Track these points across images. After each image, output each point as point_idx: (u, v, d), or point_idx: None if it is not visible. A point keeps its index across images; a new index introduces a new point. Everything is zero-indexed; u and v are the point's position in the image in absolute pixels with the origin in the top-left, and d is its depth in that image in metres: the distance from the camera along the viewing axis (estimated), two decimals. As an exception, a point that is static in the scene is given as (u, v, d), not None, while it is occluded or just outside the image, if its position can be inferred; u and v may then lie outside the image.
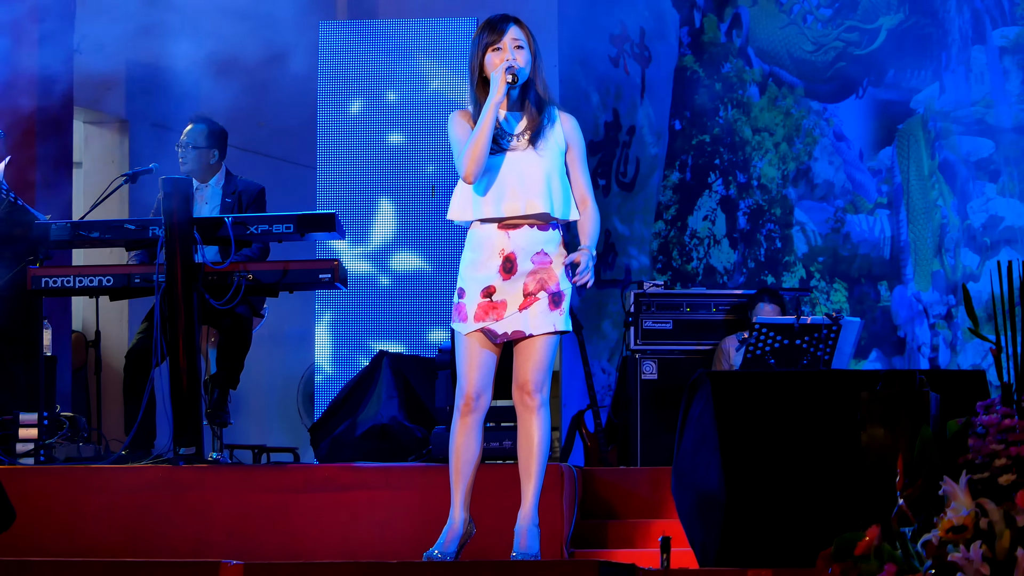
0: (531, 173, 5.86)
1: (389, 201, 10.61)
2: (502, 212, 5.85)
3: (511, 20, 5.96)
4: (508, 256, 5.85)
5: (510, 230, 5.87)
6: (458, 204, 5.96)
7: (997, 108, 11.64)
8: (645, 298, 9.95)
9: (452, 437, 5.93)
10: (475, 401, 5.89)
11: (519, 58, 5.89)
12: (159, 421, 8.13)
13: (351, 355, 10.43)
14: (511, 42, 5.90)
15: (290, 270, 8.05)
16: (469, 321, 5.86)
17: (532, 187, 5.85)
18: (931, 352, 11.62)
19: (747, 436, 5.73)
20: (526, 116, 5.95)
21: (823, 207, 11.99)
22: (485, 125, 5.81)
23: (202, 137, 8.66)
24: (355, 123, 10.64)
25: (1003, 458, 4.31)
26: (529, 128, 5.93)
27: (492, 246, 5.87)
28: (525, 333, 5.84)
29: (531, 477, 5.92)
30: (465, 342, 5.89)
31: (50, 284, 8.01)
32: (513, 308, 5.84)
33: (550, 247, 5.89)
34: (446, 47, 10.63)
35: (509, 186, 5.85)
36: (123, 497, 7.20)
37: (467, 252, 5.94)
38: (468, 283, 5.89)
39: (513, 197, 5.84)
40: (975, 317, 4.80)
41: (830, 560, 4.36)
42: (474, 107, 5.94)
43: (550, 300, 5.86)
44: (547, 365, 5.90)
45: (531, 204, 5.84)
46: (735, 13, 12.27)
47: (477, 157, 5.82)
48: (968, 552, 4.09)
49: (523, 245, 5.86)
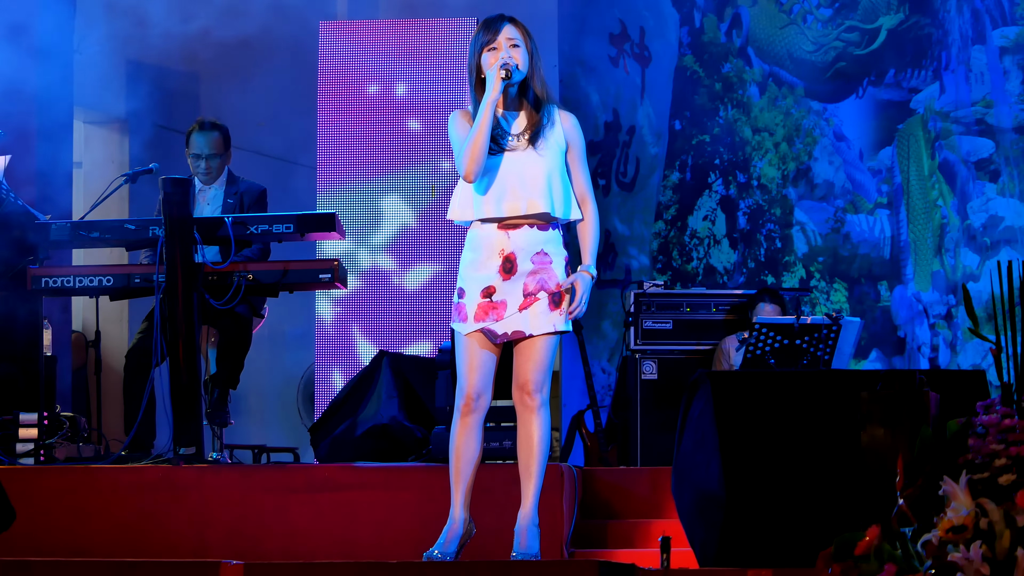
0: (532, 173, 5.86)
1: (389, 201, 10.61)
2: (503, 212, 5.84)
3: (506, 19, 5.96)
4: (508, 256, 5.85)
5: (510, 230, 5.87)
6: (458, 204, 5.95)
7: (997, 108, 11.64)
8: (645, 298, 9.95)
9: (452, 437, 5.93)
10: (475, 401, 5.88)
11: (515, 56, 5.89)
12: (159, 421, 8.13)
13: (351, 355, 10.43)
14: (506, 40, 5.91)
15: (290, 270, 8.05)
16: (469, 321, 5.86)
17: (533, 187, 5.85)
18: (931, 352, 11.62)
19: (747, 436, 5.73)
20: (525, 115, 5.95)
21: (823, 207, 11.99)
22: (483, 123, 5.81)
23: (219, 144, 8.68)
24: (355, 123, 10.63)
25: (1003, 458, 4.31)
26: (528, 127, 5.93)
27: (492, 246, 5.86)
28: (525, 333, 5.84)
29: (531, 477, 5.92)
30: (465, 342, 5.89)
31: (50, 284, 8.01)
32: (513, 308, 5.84)
33: (550, 247, 5.89)
34: (446, 47, 10.62)
35: (509, 186, 5.85)
36: (123, 497, 7.20)
37: (467, 252, 5.93)
38: (468, 283, 5.89)
39: (514, 197, 5.84)
40: (975, 317, 4.79)
41: (830, 560, 4.36)
42: (474, 107, 5.94)
43: (550, 300, 5.86)
44: (547, 365, 5.90)
45: (532, 204, 5.84)
46: (735, 13, 12.27)
47: (476, 156, 5.82)
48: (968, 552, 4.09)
49: (523, 245, 5.85)
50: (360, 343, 10.47)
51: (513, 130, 5.93)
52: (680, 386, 6.26)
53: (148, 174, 8.59)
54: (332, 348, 10.51)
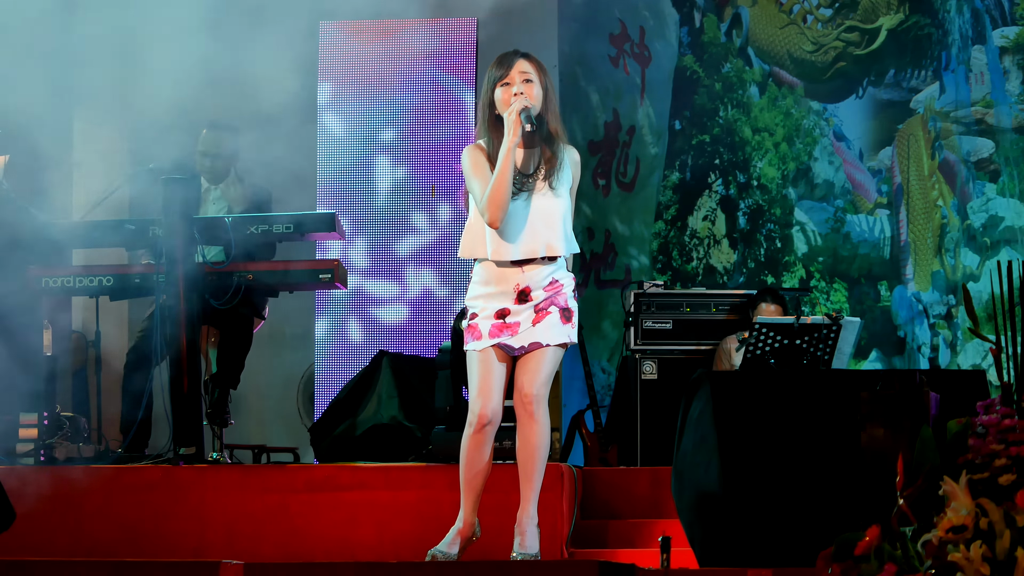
0: (549, 215, 5.87)
1: (389, 201, 10.60)
2: (519, 255, 5.84)
3: (519, 55, 5.93)
4: (523, 290, 5.87)
5: (523, 266, 5.87)
6: (471, 243, 5.94)
7: (997, 108, 11.63)
8: (645, 298, 9.95)
9: (464, 449, 5.93)
10: (489, 422, 5.90)
11: (528, 91, 5.85)
12: (159, 421, 8.13)
13: (351, 355, 10.42)
14: (519, 75, 5.87)
15: (290, 270, 8.06)
16: (484, 338, 5.87)
17: (550, 229, 5.86)
18: (931, 352, 11.62)
19: (746, 436, 5.73)
20: (538, 153, 5.92)
21: (823, 207, 11.99)
22: (504, 170, 5.77)
23: (228, 145, 8.70)
24: (355, 123, 10.63)
25: (1003, 458, 4.31)
26: (544, 165, 5.91)
27: (506, 280, 5.88)
28: (542, 344, 5.86)
29: (530, 478, 5.93)
30: (479, 358, 5.88)
31: (50, 284, 8.01)
32: (527, 325, 5.85)
33: (559, 274, 5.94)
34: (446, 47, 10.61)
35: (527, 228, 5.84)
36: (123, 497, 7.21)
37: (477, 286, 5.93)
38: (480, 306, 5.90)
39: (532, 239, 5.84)
40: (975, 317, 4.79)
41: (830, 560, 4.36)
42: (488, 143, 5.90)
43: (561, 314, 5.89)
44: (550, 374, 5.91)
45: (550, 248, 5.87)
46: (735, 13, 12.27)
47: (501, 203, 5.78)
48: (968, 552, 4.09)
49: (536, 279, 5.88)
50: (360, 343, 10.46)
51: (526, 169, 5.90)
52: (680, 386, 6.26)
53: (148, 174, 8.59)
54: (332, 348, 10.51)
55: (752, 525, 5.64)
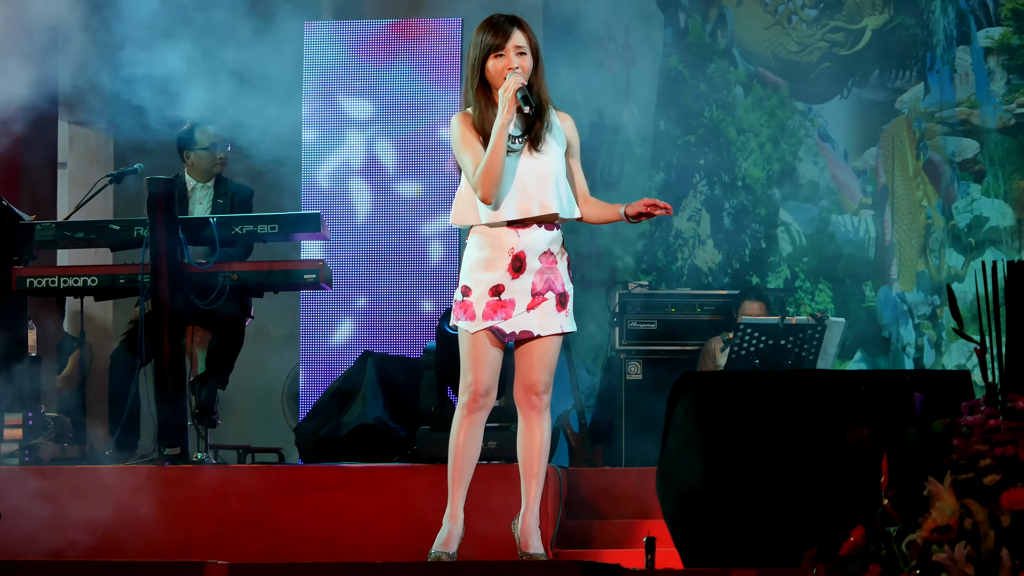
0: (540, 175, 5.81)
1: (374, 202, 10.59)
2: (514, 215, 5.78)
3: (515, 24, 5.87)
4: (518, 255, 5.80)
5: (519, 228, 5.81)
6: (463, 209, 5.90)
7: (982, 109, 11.66)
8: (630, 298, 9.96)
9: (454, 435, 5.85)
10: (483, 398, 5.81)
11: (522, 64, 5.82)
12: (144, 421, 8.12)
13: (336, 355, 10.42)
14: (514, 49, 5.83)
15: (275, 270, 8.05)
16: (477, 319, 5.80)
17: (543, 189, 5.80)
18: (916, 352, 11.63)
19: (731, 437, 5.73)
20: (525, 117, 5.87)
21: (808, 207, 12.00)
22: (497, 148, 5.73)
23: (223, 140, 8.73)
24: (340, 124, 10.62)
25: (988, 458, 4.31)
26: (532, 130, 5.87)
27: (501, 245, 5.81)
28: (533, 333, 5.81)
29: (534, 477, 5.87)
30: (472, 340, 5.82)
31: (35, 284, 8.00)
32: (521, 307, 5.79)
33: (555, 247, 5.87)
34: (431, 47, 10.61)
35: (519, 189, 5.79)
36: (108, 497, 7.20)
37: (472, 251, 5.85)
38: (474, 282, 5.83)
39: (525, 199, 5.78)
40: (960, 317, 4.80)
41: (814, 560, 4.36)
42: (475, 110, 5.86)
43: (557, 301, 5.84)
44: (553, 366, 5.87)
45: (544, 205, 5.80)
46: (720, 13, 12.28)
47: (495, 179, 5.74)
48: (953, 552, 4.10)
49: (532, 244, 5.81)
50: (345, 343, 10.46)
51: (515, 132, 5.86)
52: (665, 386, 6.25)
53: (133, 174, 8.59)
54: (317, 348, 10.50)
55: (737, 525, 5.65)
